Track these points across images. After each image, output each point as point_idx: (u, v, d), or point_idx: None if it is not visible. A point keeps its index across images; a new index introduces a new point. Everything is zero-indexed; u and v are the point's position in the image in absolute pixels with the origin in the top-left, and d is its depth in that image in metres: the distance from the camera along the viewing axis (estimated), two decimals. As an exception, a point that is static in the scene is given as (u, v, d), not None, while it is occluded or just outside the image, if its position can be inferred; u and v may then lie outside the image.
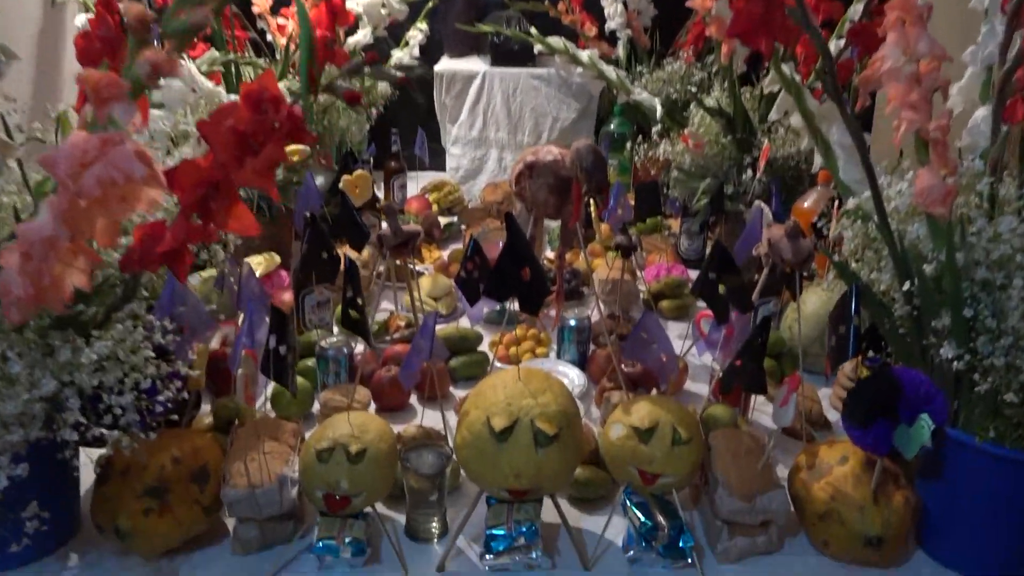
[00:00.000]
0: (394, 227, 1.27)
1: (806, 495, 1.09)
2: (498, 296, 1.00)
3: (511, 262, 0.99)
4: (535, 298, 1.01)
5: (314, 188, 1.84)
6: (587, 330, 1.59)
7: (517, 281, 0.99)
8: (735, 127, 1.99)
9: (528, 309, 1.01)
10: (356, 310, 1.04)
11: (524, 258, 0.99)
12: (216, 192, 0.72)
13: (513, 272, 0.99)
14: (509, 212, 0.99)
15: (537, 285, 1.00)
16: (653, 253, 2.16)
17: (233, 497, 1.05)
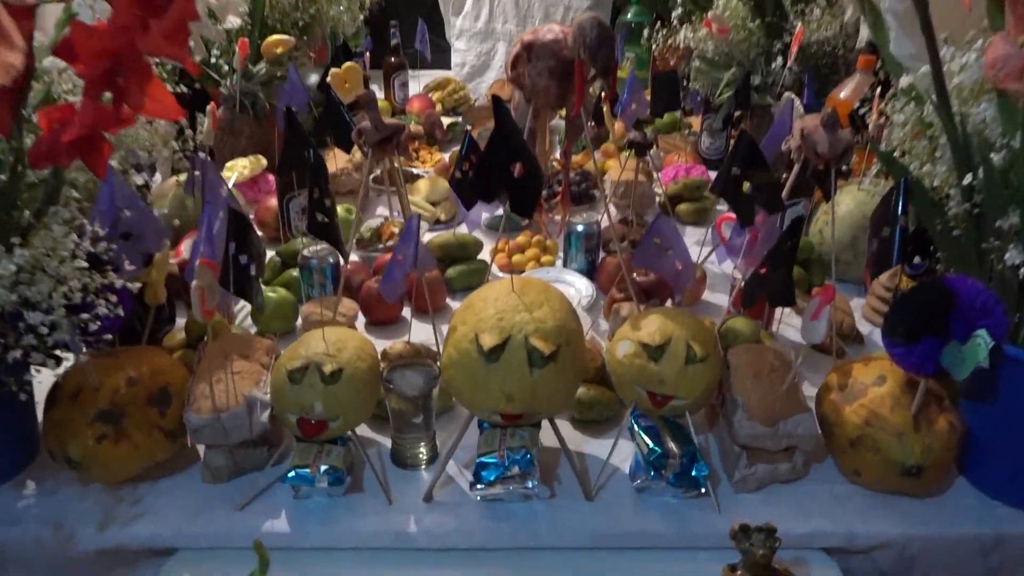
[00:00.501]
0: (374, 120, 1.12)
1: (836, 419, 0.97)
2: (484, 195, 0.87)
3: (500, 155, 0.84)
4: (528, 197, 0.87)
5: (299, 83, 1.68)
6: (596, 236, 1.46)
7: (507, 177, 0.85)
8: (764, 9, 1.79)
9: (520, 210, 0.88)
10: (324, 213, 0.92)
11: (515, 150, 0.85)
12: (122, 64, 0.59)
13: (502, 167, 0.85)
14: (496, 96, 0.84)
15: (530, 182, 0.86)
16: (671, 153, 1.99)
17: (196, 422, 0.95)
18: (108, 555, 0.92)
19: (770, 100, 1.72)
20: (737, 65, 1.77)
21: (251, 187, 1.74)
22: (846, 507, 0.96)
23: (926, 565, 0.95)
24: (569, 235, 1.46)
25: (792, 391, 0.99)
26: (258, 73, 1.75)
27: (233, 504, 0.96)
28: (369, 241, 1.55)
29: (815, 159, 1.14)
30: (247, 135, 1.80)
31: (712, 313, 1.38)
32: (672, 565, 0.92)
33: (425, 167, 2.02)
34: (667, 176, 1.85)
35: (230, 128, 1.80)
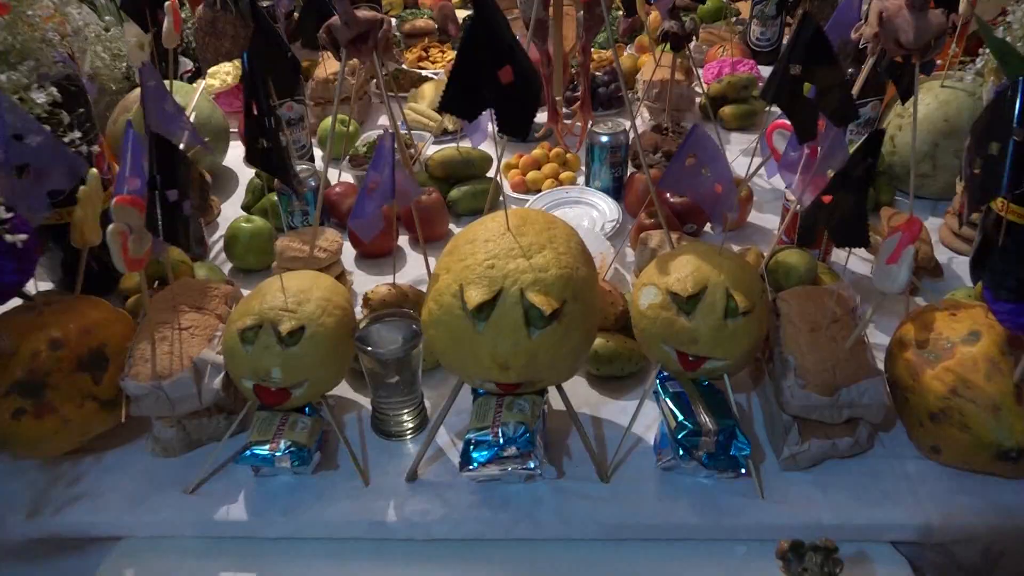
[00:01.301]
0: (345, 14, 0.91)
1: (913, 384, 0.78)
2: (462, 111, 0.67)
3: (481, 56, 0.64)
4: (521, 113, 0.67)
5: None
6: (623, 148, 1.24)
7: (492, 86, 0.65)
8: None
9: (510, 129, 0.68)
10: (266, 136, 0.72)
11: (500, 49, 0.64)
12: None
13: (485, 72, 0.65)
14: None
15: (523, 92, 0.66)
16: (715, 46, 1.74)
17: (134, 391, 0.80)
18: (40, 544, 0.80)
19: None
20: (796, -64, 1.49)
21: (236, 96, 1.54)
22: (919, 491, 0.79)
23: (1016, 564, 0.77)
24: (592, 147, 1.25)
25: (857, 349, 0.80)
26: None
27: (185, 484, 0.82)
28: (365, 157, 1.35)
29: (895, 50, 0.91)
30: (231, 36, 1.60)
31: (758, 241, 1.18)
32: (704, 561, 0.76)
33: (436, 67, 1.80)
34: (709, 74, 1.61)
35: (212, 28, 1.60)
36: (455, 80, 0.66)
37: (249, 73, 0.71)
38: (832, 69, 0.75)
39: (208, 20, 1.59)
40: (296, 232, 1.08)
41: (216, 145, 1.34)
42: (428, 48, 1.84)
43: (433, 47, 1.85)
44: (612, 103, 1.53)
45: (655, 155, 1.30)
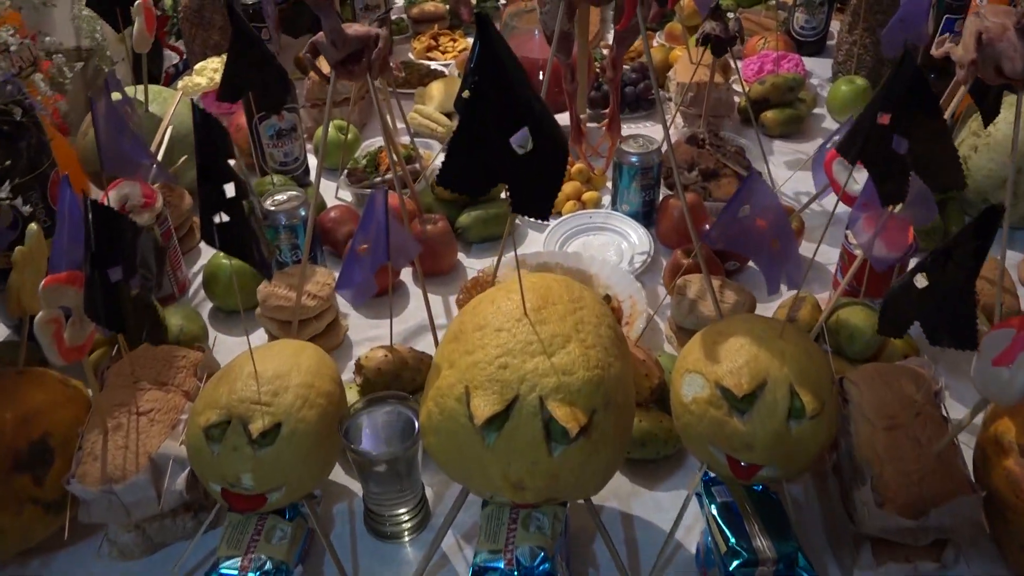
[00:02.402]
0: (332, 32, 0.77)
1: (1016, 502, 0.64)
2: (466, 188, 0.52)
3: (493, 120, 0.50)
4: (541, 189, 0.53)
5: (274, -41, 1.30)
6: (655, 168, 1.09)
7: (507, 157, 0.51)
8: None
9: (527, 209, 0.53)
10: (224, 207, 0.57)
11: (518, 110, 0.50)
12: None
13: (499, 140, 0.50)
14: (479, 13, 0.48)
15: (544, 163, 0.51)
16: (755, 35, 1.57)
17: (82, 495, 0.68)
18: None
19: (894, -36, 1.28)
20: (852, -84, 1.31)
21: (223, 98, 1.39)
22: (1018, 627, 0.65)
23: None
24: (620, 166, 1.10)
25: (947, 454, 0.66)
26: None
27: (149, 591, 0.70)
28: (364, 171, 1.21)
29: (995, 79, 0.75)
30: (219, 27, 1.45)
31: (810, 280, 1.03)
32: None
33: (447, 58, 1.64)
34: (750, 70, 1.44)
35: (199, 18, 1.45)
36: (457, 151, 0.51)
37: (202, 125, 0.57)
38: (934, 123, 0.59)
39: (195, 9, 1.44)
40: (283, 274, 0.95)
41: (198, 157, 1.20)
42: (438, 36, 1.68)
43: (443, 35, 1.69)
44: (640, 104, 1.38)
45: (691, 172, 1.16)
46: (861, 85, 1.35)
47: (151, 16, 1.07)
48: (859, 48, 1.38)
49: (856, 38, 1.38)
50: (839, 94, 1.36)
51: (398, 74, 1.09)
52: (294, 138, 1.21)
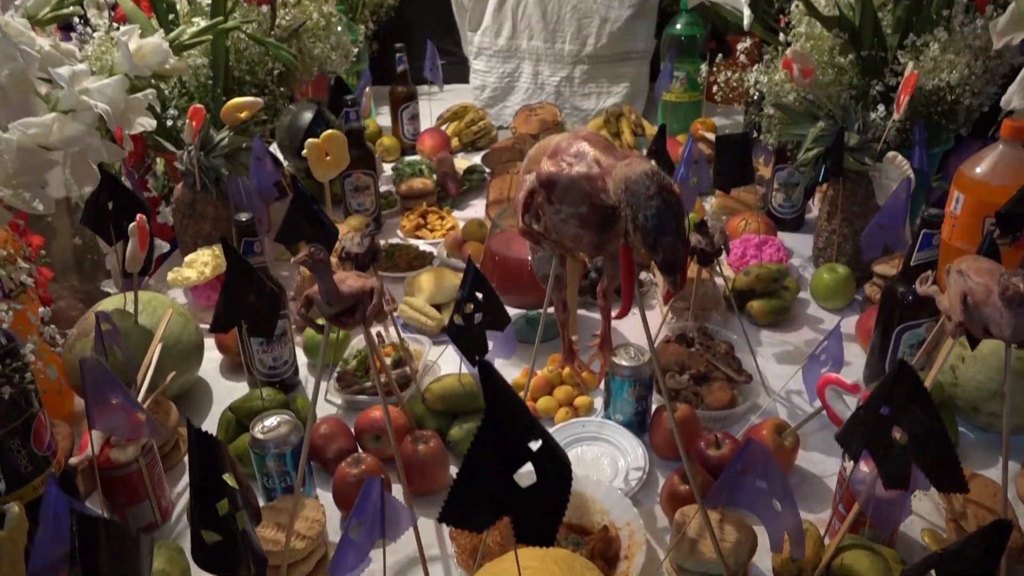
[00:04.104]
0: (326, 291, 0.77)
1: None
2: (468, 523, 0.51)
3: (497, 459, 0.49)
4: (545, 519, 0.52)
5: (266, 157, 1.34)
6: (648, 380, 1.09)
7: (510, 492, 0.50)
8: (860, 41, 1.38)
9: (530, 538, 0.52)
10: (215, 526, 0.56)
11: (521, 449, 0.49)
12: None
13: (502, 478, 0.49)
14: (486, 365, 0.48)
15: (548, 495, 0.51)
16: (736, 216, 1.61)
17: None
18: None
19: (867, 161, 1.33)
20: (825, 117, 1.37)
21: (215, 288, 1.40)
22: None
23: None
24: (612, 378, 1.10)
25: None
26: (219, 143, 1.40)
27: None
28: (354, 375, 1.20)
29: (983, 335, 0.77)
30: (211, 218, 1.47)
31: (807, 496, 1.02)
32: None
33: (436, 236, 1.67)
34: (733, 254, 1.48)
35: (191, 210, 1.47)
36: (462, 489, 0.51)
37: (197, 443, 0.56)
38: (931, 422, 0.60)
39: (187, 201, 1.46)
40: (271, 510, 0.92)
41: (188, 364, 1.20)
42: (426, 214, 1.72)
43: (432, 212, 1.73)
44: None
45: (682, 375, 1.16)
46: (843, 274, 1.38)
47: (144, 235, 1.09)
48: (838, 237, 1.41)
49: (835, 227, 1.42)
50: (822, 282, 1.39)
51: (391, 308, 1.10)
52: (283, 342, 1.20)
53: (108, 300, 1.20)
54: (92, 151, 0.84)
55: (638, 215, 0.62)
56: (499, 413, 0.49)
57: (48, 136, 0.79)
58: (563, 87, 2.21)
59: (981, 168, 1.14)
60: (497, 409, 0.49)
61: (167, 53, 0.92)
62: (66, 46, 0.87)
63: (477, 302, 0.94)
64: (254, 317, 0.98)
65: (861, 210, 1.39)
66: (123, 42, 0.88)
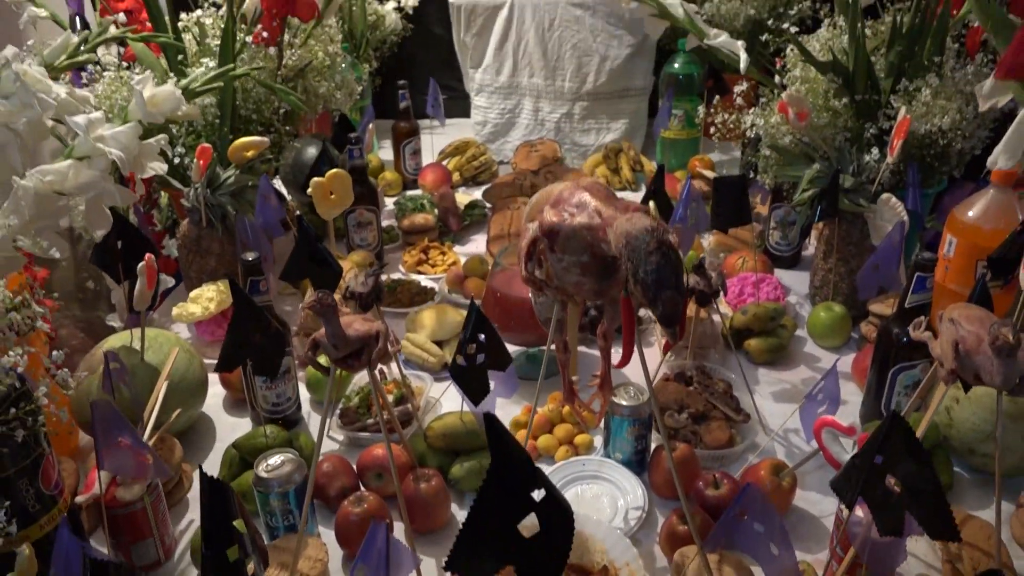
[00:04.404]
0: (333, 336, 0.79)
1: None
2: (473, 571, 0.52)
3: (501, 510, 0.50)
4: (548, 567, 0.53)
5: (272, 196, 1.37)
6: (647, 419, 1.11)
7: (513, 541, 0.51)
8: (854, 85, 1.42)
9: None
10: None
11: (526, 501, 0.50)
12: None
13: (506, 528, 0.51)
14: (490, 417, 0.50)
15: (551, 544, 0.52)
16: (734, 254, 1.63)
17: None
18: None
19: (862, 202, 1.35)
20: (821, 158, 1.40)
21: (219, 324, 1.42)
22: None
23: None
24: (611, 417, 1.11)
25: None
26: (226, 181, 1.43)
27: None
28: (357, 412, 1.22)
29: (975, 383, 0.78)
30: (216, 254, 1.49)
31: (803, 535, 1.03)
32: None
33: (436, 272, 1.69)
34: (731, 292, 1.49)
35: (196, 246, 1.49)
36: (467, 539, 0.52)
37: (209, 490, 0.57)
38: (924, 472, 0.61)
39: (193, 238, 1.49)
40: (274, 549, 0.93)
41: (193, 401, 1.21)
42: (428, 249, 1.74)
43: (433, 247, 1.75)
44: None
45: (680, 415, 1.17)
46: (839, 312, 1.40)
47: (152, 275, 1.11)
48: (835, 276, 1.44)
49: (831, 266, 1.44)
50: (819, 321, 1.41)
51: (396, 349, 1.11)
52: (287, 379, 1.22)
53: (115, 337, 1.21)
54: (106, 196, 0.86)
55: (639, 270, 0.64)
56: (504, 465, 0.51)
57: (64, 182, 0.81)
58: (563, 123, 2.24)
59: (973, 212, 1.17)
60: (502, 461, 0.51)
61: (180, 101, 0.94)
62: (81, 92, 0.90)
63: (479, 343, 0.96)
64: (259, 356, 1.00)
65: (856, 250, 1.42)
66: (138, 91, 0.91)
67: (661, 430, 0.81)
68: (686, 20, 1.52)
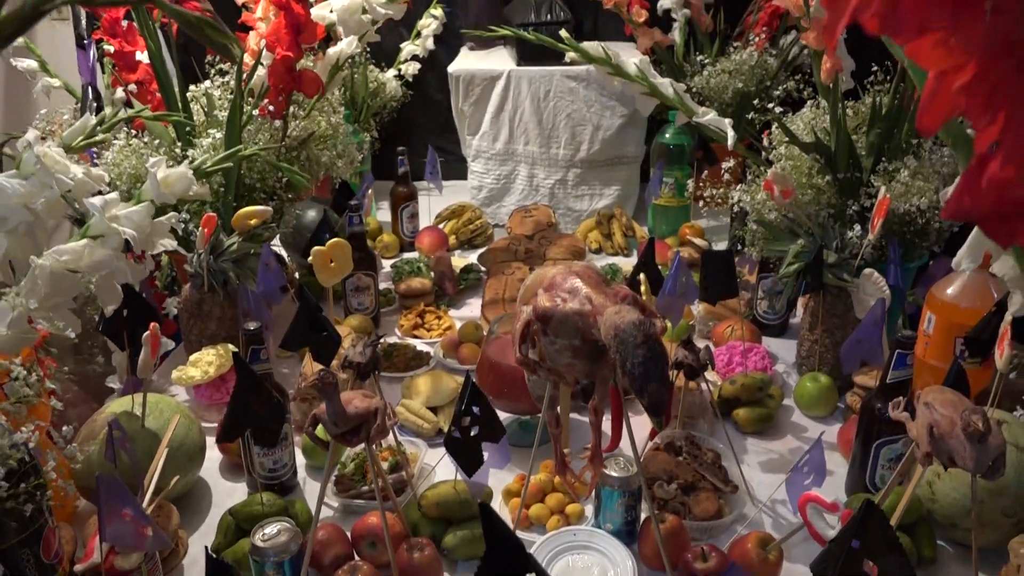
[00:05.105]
0: (334, 413, 0.82)
1: None
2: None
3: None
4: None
5: (274, 264, 1.40)
6: (637, 491, 1.13)
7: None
8: (836, 164, 1.48)
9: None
10: None
11: None
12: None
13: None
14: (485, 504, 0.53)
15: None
16: (723, 323, 1.67)
17: None
18: None
19: (845, 277, 1.40)
20: (805, 234, 1.45)
21: (218, 388, 1.45)
22: None
23: None
24: (601, 488, 1.14)
25: None
26: (229, 249, 1.47)
27: None
28: (352, 479, 1.24)
29: (951, 465, 0.82)
30: (217, 318, 1.52)
31: (793, 612, 1.05)
32: None
33: (431, 336, 1.72)
34: (720, 361, 1.53)
35: (198, 310, 1.53)
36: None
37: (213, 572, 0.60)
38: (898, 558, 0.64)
39: (195, 302, 1.52)
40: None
41: (191, 466, 1.23)
42: (424, 314, 1.78)
43: (429, 312, 1.79)
44: (618, 397, 1.44)
45: (670, 485, 1.20)
46: (825, 383, 1.44)
47: (157, 344, 1.14)
48: (820, 347, 1.48)
49: (817, 337, 1.48)
50: (806, 391, 1.44)
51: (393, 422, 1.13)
52: (284, 446, 1.24)
53: (115, 402, 1.24)
54: (118, 273, 0.90)
55: (626, 362, 0.68)
56: (499, 553, 0.54)
57: (80, 261, 0.85)
58: (557, 189, 2.30)
59: (950, 291, 1.22)
60: (496, 549, 0.53)
61: (192, 181, 0.99)
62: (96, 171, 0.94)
63: (474, 416, 0.99)
64: (260, 427, 1.03)
65: (841, 321, 1.46)
66: (152, 173, 0.95)
67: (649, 506, 0.84)
68: (676, 99, 1.58)
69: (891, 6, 0.32)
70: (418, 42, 2.48)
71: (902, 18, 0.32)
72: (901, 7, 0.32)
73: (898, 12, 0.32)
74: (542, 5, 2.26)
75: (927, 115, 0.37)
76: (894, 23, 0.33)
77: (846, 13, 0.34)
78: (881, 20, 0.33)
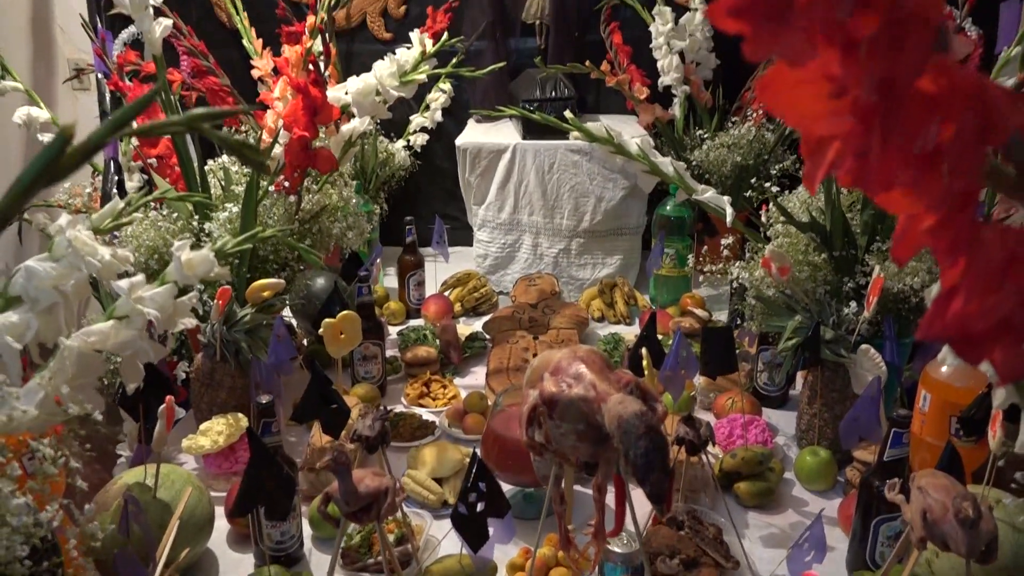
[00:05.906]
0: (346, 493, 0.85)
1: None
2: None
3: None
4: None
5: (286, 336, 1.44)
6: (640, 567, 1.15)
7: None
8: (831, 242, 1.52)
9: None
10: None
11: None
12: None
13: None
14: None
15: None
16: (723, 395, 1.70)
17: None
18: None
19: (843, 352, 1.43)
20: (803, 310, 1.49)
21: (227, 457, 1.47)
22: None
23: None
24: (604, 564, 1.15)
25: None
26: (242, 319, 1.51)
27: None
28: (358, 552, 1.25)
29: (945, 549, 0.84)
30: (228, 387, 1.55)
31: None
32: None
33: (437, 405, 1.75)
34: (720, 433, 1.55)
35: (210, 379, 1.56)
36: None
37: None
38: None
39: (207, 371, 1.56)
40: None
41: (200, 537, 1.25)
42: (429, 383, 1.81)
43: (435, 381, 1.82)
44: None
45: (672, 560, 1.21)
46: (824, 457, 1.46)
47: (171, 417, 1.17)
48: (819, 421, 1.50)
49: (816, 411, 1.51)
50: (806, 465, 1.46)
51: (402, 498, 1.16)
52: (291, 518, 1.26)
53: (128, 473, 1.26)
54: (141, 353, 0.94)
55: (629, 451, 0.71)
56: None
57: (106, 342, 0.89)
58: (561, 258, 2.35)
59: (945, 370, 1.25)
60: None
61: (213, 263, 1.04)
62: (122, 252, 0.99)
63: (479, 491, 1.02)
64: (272, 501, 1.06)
65: (840, 396, 1.49)
66: (177, 256, 1.00)
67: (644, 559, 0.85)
68: (676, 177, 1.65)
69: (862, 165, 0.37)
70: (427, 114, 2.56)
71: (871, 176, 0.37)
72: (870, 167, 0.37)
73: (867, 171, 0.37)
74: (547, 82, 2.35)
75: (899, 249, 0.41)
76: (864, 179, 0.37)
77: (822, 167, 0.38)
78: (853, 177, 0.37)
